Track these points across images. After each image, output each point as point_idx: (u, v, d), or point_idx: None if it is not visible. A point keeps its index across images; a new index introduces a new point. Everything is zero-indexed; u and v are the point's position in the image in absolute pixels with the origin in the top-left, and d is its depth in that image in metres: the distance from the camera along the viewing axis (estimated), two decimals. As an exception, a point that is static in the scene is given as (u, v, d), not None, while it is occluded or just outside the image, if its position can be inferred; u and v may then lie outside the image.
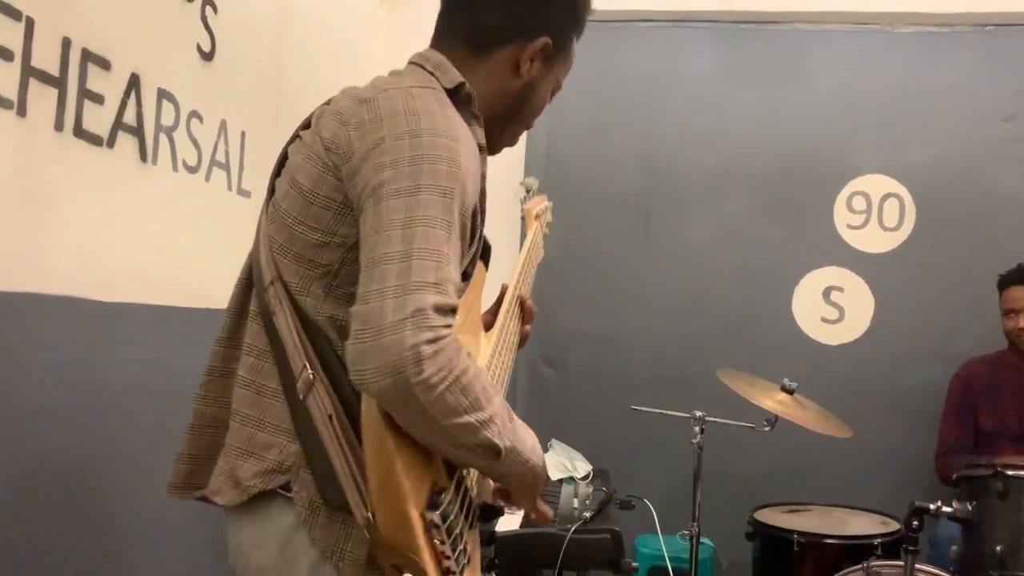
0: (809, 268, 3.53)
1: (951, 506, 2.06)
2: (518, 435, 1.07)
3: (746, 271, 3.55)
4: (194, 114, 2.08)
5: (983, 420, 3.03)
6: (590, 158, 3.67)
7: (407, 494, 0.95)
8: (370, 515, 0.97)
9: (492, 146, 1.30)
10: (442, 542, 0.99)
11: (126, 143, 1.82)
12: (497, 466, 1.05)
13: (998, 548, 1.94)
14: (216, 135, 2.17)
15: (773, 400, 2.69)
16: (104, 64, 1.73)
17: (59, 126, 1.61)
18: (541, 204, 1.69)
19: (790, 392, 2.71)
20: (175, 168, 2.00)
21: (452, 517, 1.02)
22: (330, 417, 1.02)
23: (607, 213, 3.65)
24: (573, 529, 2.00)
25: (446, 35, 1.25)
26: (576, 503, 2.27)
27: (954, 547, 2.11)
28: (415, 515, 0.96)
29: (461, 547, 1.04)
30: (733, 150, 3.58)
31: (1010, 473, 1.98)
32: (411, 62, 1.23)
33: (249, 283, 1.17)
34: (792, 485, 3.24)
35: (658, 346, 3.55)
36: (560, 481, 2.79)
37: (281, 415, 1.08)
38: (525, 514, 2.34)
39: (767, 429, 2.70)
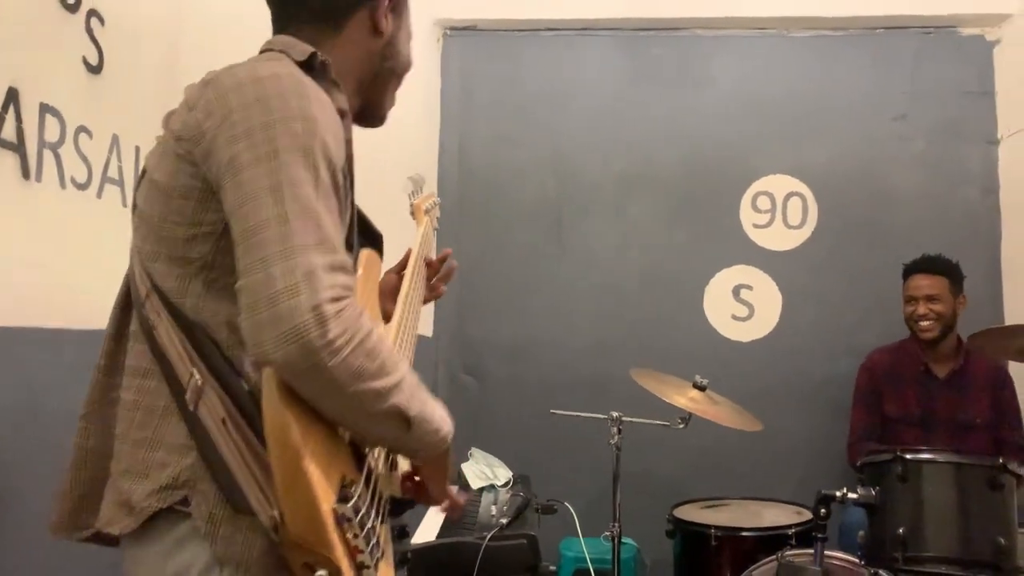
0: (718, 268, 3.61)
1: (856, 492, 2.11)
2: (427, 402, 1.05)
3: (657, 273, 3.61)
4: (82, 129, 2.00)
5: (888, 407, 3.14)
6: (501, 167, 3.68)
7: (316, 488, 0.91)
8: (276, 514, 0.93)
9: (376, 111, 1.30)
10: (355, 536, 0.96)
11: (6, 160, 1.74)
12: (408, 438, 1.03)
13: (900, 530, 2.00)
14: (107, 151, 2.09)
15: (686, 397, 2.73)
16: (-23, 78, 1.65)
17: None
18: (429, 200, 1.68)
19: (702, 389, 2.76)
20: (63, 185, 1.92)
21: (364, 510, 0.99)
22: (223, 421, 0.98)
23: (519, 221, 3.66)
24: (489, 536, 1.99)
25: (290, 19, 1.21)
26: (494, 510, 2.26)
27: (861, 532, 2.17)
28: (325, 509, 0.92)
29: (375, 540, 1.01)
30: (640, 155, 3.64)
31: (909, 457, 2.05)
32: (261, 50, 1.19)
33: (127, 303, 1.12)
34: (710, 481, 3.30)
35: (575, 350, 3.58)
36: (481, 490, 2.78)
37: (175, 431, 1.02)
38: (443, 523, 2.33)
39: (681, 426, 2.74)
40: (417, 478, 1.22)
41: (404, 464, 1.24)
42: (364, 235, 1.28)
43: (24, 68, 1.79)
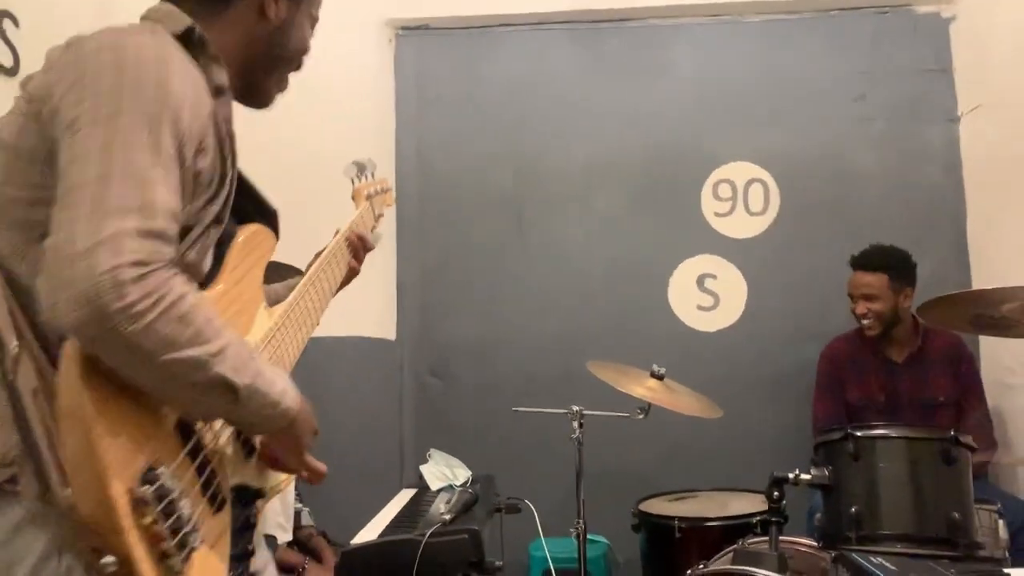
0: (682, 257, 3.57)
1: (809, 473, 2.06)
2: (263, 375, 1.01)
3: (621, 264, 3.56)
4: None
5: (851, 394, 3.09)
6: (461, 162, 3.64)
7: (107, 467, 0.86)
8: (68, 492, 0.88)
9: (264, 94, 1.28)
10: (154, 522, 0.90)
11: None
12: (239, 410, 0.99)
13: (853, 509, 1.94)
14: (27, 154, 2.04)
15: (644, 387, 2.68)
16: None
17: None
18: (376, 186, 1.64)
19: (659, 378, 2.71)
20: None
21: (175, 495, 0.94)
22: (34, 392, 0.93)
23: (481, 216, 3.62)
24: (430, 533, 1.93)
25: None
26: (442, 508, 2.20)
27: (818, 514, 2.11)
28: (117, 491, 0.87)
29: (188, 529, 0.95)
30: (600, 146, 3.60)
31: (859, 434, 1.99)
32: (141, 19, 1.17)
33: None
34: (679, 474, 3.24)
35: (539, 346, 3.53)
36: (439, 490, 2.73)
37: (4, 406, 0.96)
38: (390, 523, 2.27)
39: (640, 417, 2.69)
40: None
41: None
42: (258, 211, 1.27)
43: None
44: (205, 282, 1.10)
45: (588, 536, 2.73)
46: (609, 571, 3.24)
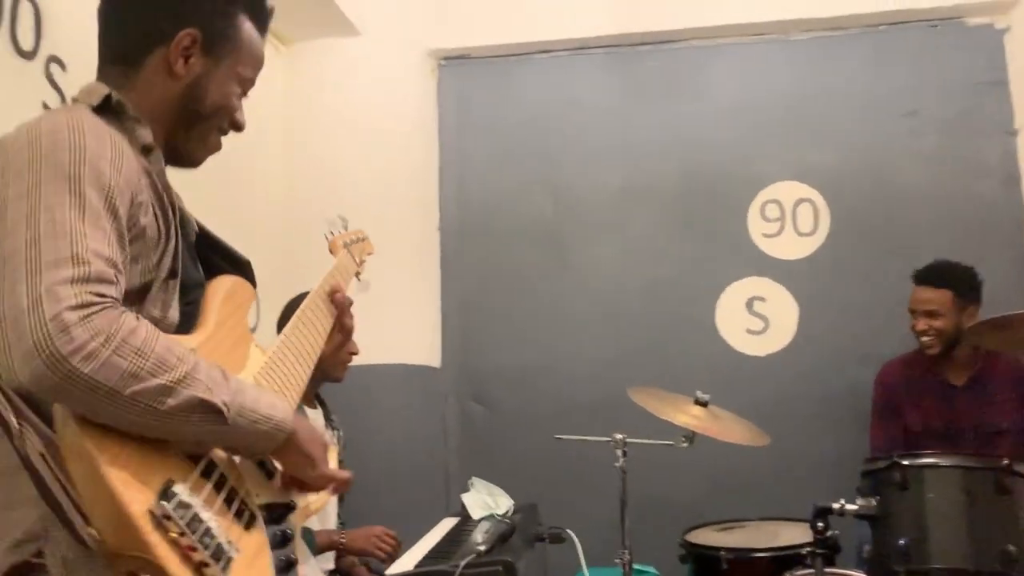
0: (729, 280, 3.51)
1: (855, 504, 1.99)
2: (244, 392, 1.02)
3: (664, 289, 3.52)
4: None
5: (908, 420, 2.97)
6: (501, 189, 3.66)
7: (122, 493, 0.88)
8: (93, 530, 0.90)
9: (187, 153, 1.28)
10: (181, 534, 0.91)
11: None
12: (231, 431, 0.99)
13: (902, 542, 1.88)
14: (72, 193, 2.11)
15: (688, 415, 2.62)
16: (-78, 126, 1.69)
17: None
18: (351, 236, 1.68)
19: (704, 405, 2.65)
20: (24, 229, 1.94)
21: (197, 510, 0.95)
22: (42, 455, 0.96)
23: (522, 243, 3.62)
24: (464, 564, 1.91)
25: (102, 61, 1.25)
26: (479, 538, 2.18)
27: (866, 546, 2.04)
28: (137, 511, 0.89)
29: (219, 541, 0.96)
30: (639, 170, 3.58)
31: (907, 463, 1.92)
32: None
33: None
34: (727, 502, 3.16)
35: (580, 372, 3.50)
36: (481, 519, 2.71)
37: (23, 485, 0.99)
38: (427, 553, 2.26)
39: (685, 445, 2.63)
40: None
41: None
42: (229, 263, 1.29)
43: (-24, 115, 1.83)
44: (183, 333, 1.12)
45: (634, 566, 2.67)
46: (658, 602, 3.17)
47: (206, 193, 1.37)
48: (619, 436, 2.71)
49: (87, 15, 1.71)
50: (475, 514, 2.75)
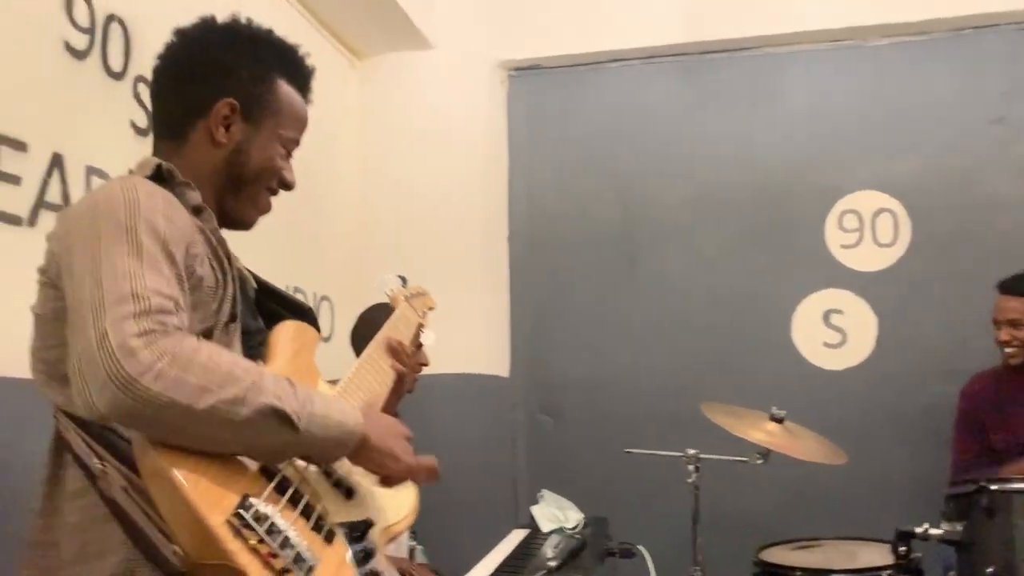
0: (806, 292, 3.43)
1: (939, 528, 1.92)
2: (312, 400, 1.04)
3: (738, 301, 3.46)
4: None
5: (993, 436, 2.86)
6: (571, 200, 3.65)
7: (200, 506, 0.92)
8: (177, 548, 0.93)
9: (239, 216, 1.33)
10: (260, 541, 0.94)
11: (51, 221, 1.83)
12: (303, 439, 1.01)
13: (990, 570, 1.80)
14: (158, 208, 2.18)
15: (762, 431, 2.57)
16: (19, 146, 1.77)
17: (-32, 209, 1.64)
18: (412, 291, 1.69)
19: (779, 421, 2.60)
20: (112, 243, 2.02)
21: (273, 519, 0.97)
22: (125, 489, 1.00)
23: (591, 254, 3.60)
24: (534, 580, 1.92)
25: (155, 136, 1.34)
26: (550, 552, 2.18)
27: (951, 572, 1.97)
28: (216, 522, 0.92)
29: (299, 549, 0.98)
30: (711, 180, 3.52)
31: (995, 488, 1.85)
32: None
33: (54, 451, 1.16)
34: (802, 521, 3.07)
35: (651, 385, 3.46)
36: (551, 533, 2.70)
37: (110, 534, 1.04)
38: (499, 566, 2.26)
39: (760, 462, 2.58)
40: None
41: (366, 481, 1.22)
42: (288, 310, 1.35)
43: (69, 135, 1.91)
44: None
45: (706, 583, 2.63)
46: (729, 620, 3.11)
47: (282, 206, 1.40)
48: (691, 451, 2.67)
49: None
50: (544, 527, 2.74)
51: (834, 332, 3.40)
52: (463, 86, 3.59)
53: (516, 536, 2.73)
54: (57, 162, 1.87)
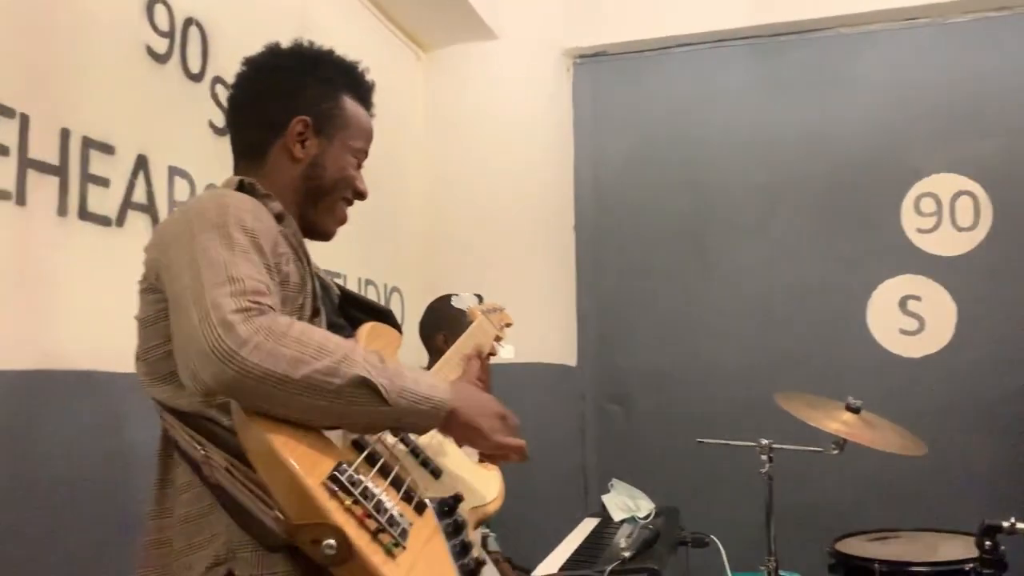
0: (882, 279, 3.35)
1: (1028, 522, 1.87)
2: (402, 374, 1.09)
3: (812, 288, 3.39)
4: (212, 186, 2.15)
5: (1082, 426, 2.76)
6: (638, 187, 3.62)
7: (298, 469, 0.97)
8: (277, 512, 0.98)
9: (319, 226, 1.41)
10: (355, 502, 0.98)
11: (137, 220, 1.91)
12: (393, 411, 1.06)
13: (1082, 566, 1.74)
14: (238, 204, 2.23)
15: (838, 421, 2.52)
16: (107, 149, 1.83)
17: (63, 211, 1.71)
18: (489, 306, 1.72)
19: (855, 411, 2.55)
20: (195, 240, 2.08)
21: (365, 484, 1.02)
22: (228, 470, 1.07)
23: (660, 243, 3.58)
24: (609, 570, 1.92)
25: (236, 157, 1.43)
26: (623, 543, 2.18)
27: (1039, 568, 1.91)
28: (313, 483, 0.97)
29: (390, 512, 1.02)
30: (784, 165, 3.46)
31: (1088, 481, 1.78)
32: None
33: (162, 452, 1.24)
34: (879, 511, 3.03)
35: (722, 374, 3.43)
36: (622, 522, 2.70)
37: (217, 521, 1.11)
38: (570, 557, 2.27)
39: (835, 452, 2.54)
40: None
41: (452, 465, 1.27)
42: (368, 313, 1.41)
43: (151, 137, 1.97)
44: None
45: (781, 572, 2.60)
46: (804, 611, 3.07)
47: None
48: (765, 441, 2.64)
49: (248, 35, 1.82)
50: (616, 516, 2.75)
51: (911, 319, 3.32)
52: (528, 75, 3.59)
53: (588, 525, 2.74)
54: (142, 163, 1.93)
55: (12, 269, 1.60)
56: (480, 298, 1.73)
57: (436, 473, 1.25)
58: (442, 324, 2.51)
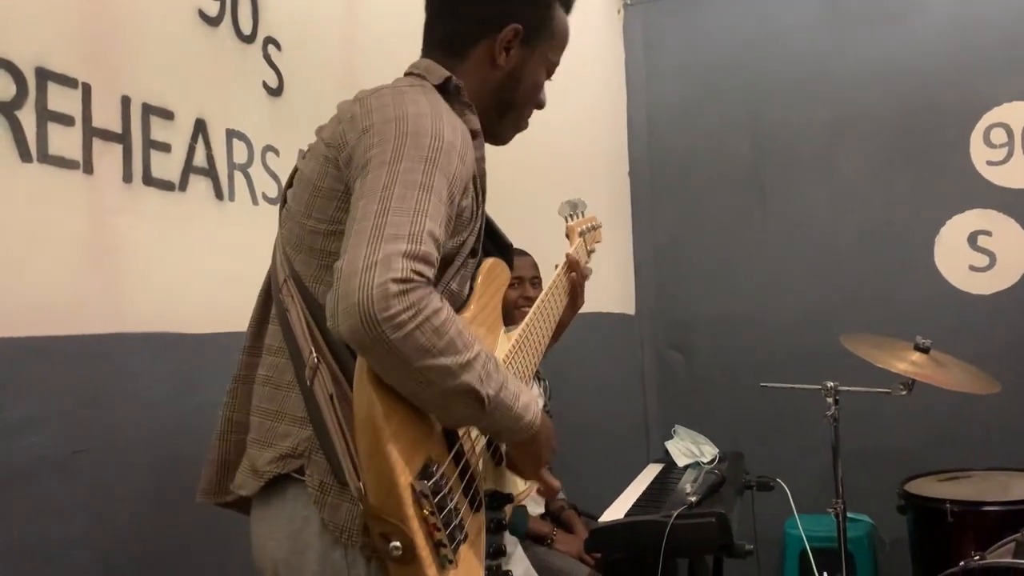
0: (949, 214, 3.26)
1: (1109, 459, 1.82)
2: (507, 388, 1.07)
3: (876, 228, 3.32)
4: (269, 148, 2.18)
5: None
6: (694, 132, 3.56)
7: (395, 462, 0.97)
8: (361, 485, 0.99)
9: (498, 136, 1.37)
10: (431, 513, 1.00)
11: (199, 184, 1.94)
12: (485, 418, 1.06)
13: None
14: (295, 165, 2.25)
15: (906, 362, 2.48)
16: (167, 115, 1.85)
17: (127, 178, 1.74)
18: (587, 223, 1.69)
19: (925, 351, 2.49)
20: (255, 202, 2.11)
21: (446, 492, 1.03)
22: (331, 397, 1.07)
23: (718, 186, 3.52)
24: (676, 515, 1.93)
25: (429, 44, 1.34)
26: (688, 488, 2.19)
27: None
28: (403, 483, 0.97)
29: (456, 523, 1.04)
30: (847, 101, 3.36)
31: None
32: (405, 73, 1.31)
33: (268, 293, 1.26)
34: (949, 451, 2.98)
35: (785, 319, 3.38)
36: (686, 467, 2.71)
37: (296, 405, 1.13)
38: (636, 501, 2.29)
39: (904, 393, 2.49)
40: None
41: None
42: (494, 244, 1.36)
43: (208, 101, 1.99)
44: (459, 308, 1.20)
45: (849, 515, 2.59)
46: (874, 552, 3.06)
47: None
48: (831, 384, 2.61)
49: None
50: (680, 462, 2.76)
51: (981, 255, 3.22)
52: (577, 20, 3.48)
53: (652, 471, 2.75)
54: (200, 127, 1.95)
55: (84, 236, 1.64)
56: (584, 207, 1.72)
57: (499, 460, 1.26)
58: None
